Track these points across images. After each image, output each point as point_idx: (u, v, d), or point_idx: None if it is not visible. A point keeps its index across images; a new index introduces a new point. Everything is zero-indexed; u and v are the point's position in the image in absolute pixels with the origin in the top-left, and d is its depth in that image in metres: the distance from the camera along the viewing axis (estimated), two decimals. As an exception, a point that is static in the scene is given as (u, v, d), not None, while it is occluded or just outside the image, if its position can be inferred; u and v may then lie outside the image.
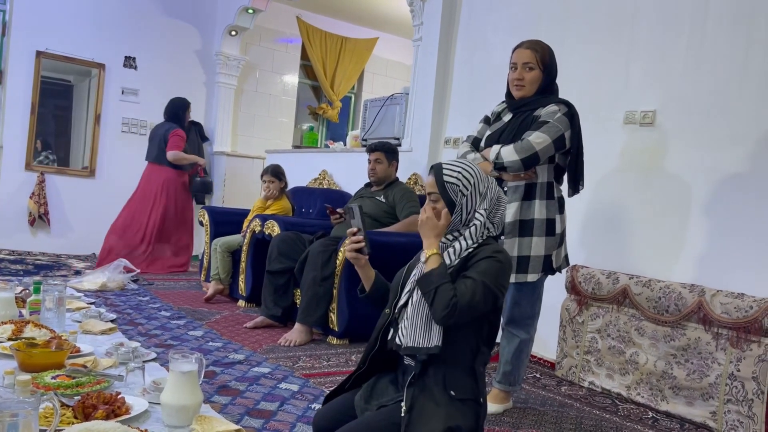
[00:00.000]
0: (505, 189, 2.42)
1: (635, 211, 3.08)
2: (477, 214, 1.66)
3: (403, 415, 1.51)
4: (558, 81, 2.52)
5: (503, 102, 2.59)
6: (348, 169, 4.94)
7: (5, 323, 2.64)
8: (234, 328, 3.46)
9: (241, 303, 4.17)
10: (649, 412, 2.66)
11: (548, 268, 2.44)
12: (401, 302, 1.65)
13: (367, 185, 3.97)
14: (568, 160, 2.46)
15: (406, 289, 1.66)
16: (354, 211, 1.77)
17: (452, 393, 1.53)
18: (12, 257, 5.24)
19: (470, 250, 1.62)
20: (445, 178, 1.67)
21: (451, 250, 1.63)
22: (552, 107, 2.38)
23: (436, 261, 1.58)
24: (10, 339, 2.52)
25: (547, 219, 2.40)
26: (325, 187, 5.09)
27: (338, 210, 3.82)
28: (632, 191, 3.09)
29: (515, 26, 3.77)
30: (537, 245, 2.39)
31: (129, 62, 6.24)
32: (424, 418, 1.49)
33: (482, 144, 2.54)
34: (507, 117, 2.52)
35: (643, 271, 2.95)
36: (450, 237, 1.67)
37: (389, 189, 3.78)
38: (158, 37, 6.37)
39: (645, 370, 2.73)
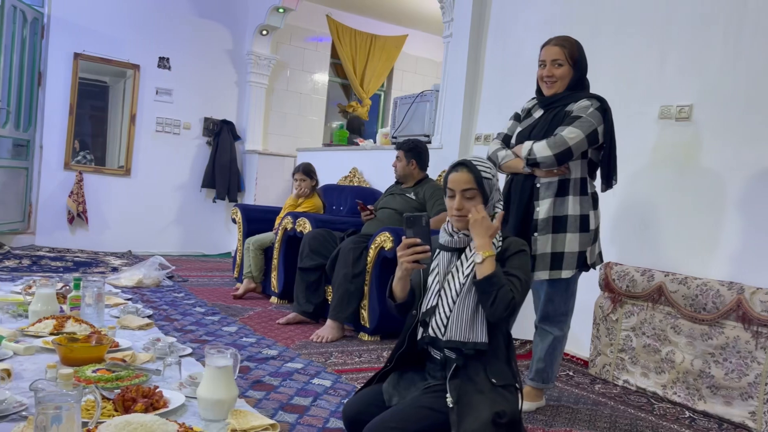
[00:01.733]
0: (538, 185, 2.40)
1: (669, 207, 3.02)
2: (498, 207, 1.77)
3: (451, 406, 1.55)
4: (590, 76, 2.49)
5: (533, 98, 2.57)
6: (378, 167, 4.96)
7: (47, 318, 2.72)
8: (267, 324, 3.50)
9: (274, 299, 4.22)
10: (686, 412, 2.61)
11: (582, 264, 2.41)
12: (431, 302, 1.70)
13: (398, 182, 3.98)
14: (600, 155, 2.43)
15: (434, 289, 1.71)
16: (422, 220, 1.69)
17: (494, 381, 1.60)
18: (52, 254, 5.38)
19: (501, 244, 1.71)
20: (483, 174, 1.72)
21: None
22: (584, 102, 2.36)
23: (492, 264, 1.62)
24: (51, 334, 2.59)
25: (581, 215, 2.38)
26: (355, 184, 5.12)
27: (369, 206, 3.83)
28: (666, 187, 3.04)
29: (547, 21, 3.73)
30: (571, 241, 2.37)
31: (163, 63, 6.35)
32: (472, 407, 1.55)
33: (513, 141, 2.53)
34: (538, 113, 2.50)
35: (677, 268, 2.89)
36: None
37: (419, 186, 3.78)
38: (191, 37, 6.47)
39: (681, 369, 2.68)
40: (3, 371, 2.06)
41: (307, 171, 4.48)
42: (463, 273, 1.69)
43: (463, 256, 1.72)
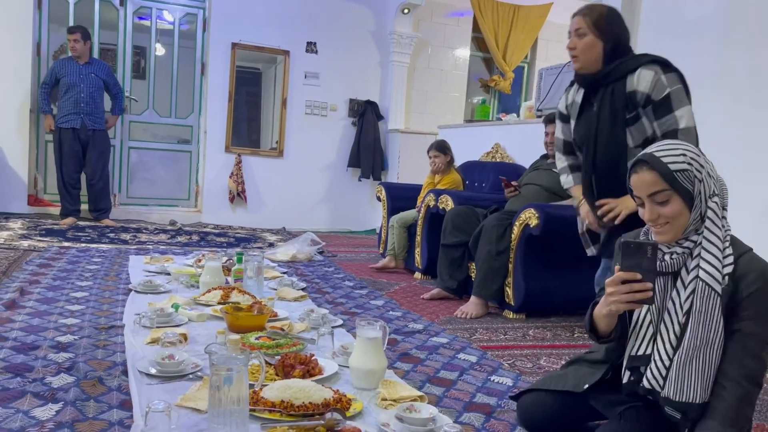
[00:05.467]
0: None
1: None
2: (711, 204, 1.34)
3: None
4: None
5: (569, 87, 2.35)
6: (522, 142, 4.83)
7: (215, 289, 2.99)
8: (412, 299, 3.58)
9: (418, 275, 4.30)
10: None
11: None
12: (642, 348, 1.43)
13: (543, 157, 3.86)
14: None
15: (646, 330, 1.41)
16: (647, 250, 1.34)
17: None
18: (216, 231, 5.88)
19: (732, 262, 1.33)
20: (673, 166, 1.34)
21: (707, 266, 1.32)
22: (646, 74, 2.10)
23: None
24: (219, 303, 2.85)
25: None
26: (497, 160, 5.04)
27: (513, 183, 3.76)
28: None
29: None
30: None
31: (310, 47, 6.63)
32: None
33: (574, 138, 2.27)
34: (579, 96, 2.26)
35: None
36: (689, 243, 1.37)
37: (567, 160, 3.63)
38: (336, 21, 6.68)
39: None
40: (180, 335, 2.29)
41: (440, 147, 4.49)
42: (681, 307, 1.37)
43: (679, 282, 1.37)
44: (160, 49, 6.53)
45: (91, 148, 5.51)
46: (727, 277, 1.32)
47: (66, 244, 4.45)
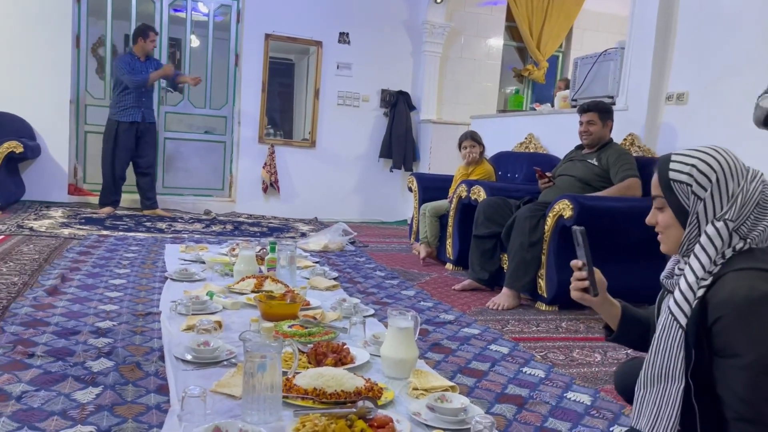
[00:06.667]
0: None
1: None
2: (713, 227, 1.19)
3: None
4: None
5: None
6: (557, 132, 4.77)
7: (249, 277, 3.03)
8: (443, 290, 3.58)
9: (449, 266, 4.29)
10: None
11: None
12: None
13: (578, 147, 3.81)
14: None
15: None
16: (577, 236, 1.36)
17: None
18: (250, 220, 5.95)
19: (703, 286, 1.18)
20: (672, 174, 1.23)
21: (678, 294, 1.21)
22: None
23: None
24: (253, 291, 2.88)
25: None
26: (531, 151, 4.98)
27: (547, 173, 3.72)
28: None
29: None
30: None
31: (343, 38, 6.64)
32: None
33: None
34: None
35: None
36: (683, 261, 1.27)
37: (603, 151, 3.58)
38: (368, 11, 6.67)
39: None
40: (215, 323, 2.34)
41: (474, 137, 4.47)
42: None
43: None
44: (194, 41, 6.62)
45: (147, 140, 5.68)
46: (696, 302, 1.19)
47: (104, 232, 4.56)
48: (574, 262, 1.39)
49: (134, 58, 5.52)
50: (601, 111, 3.59)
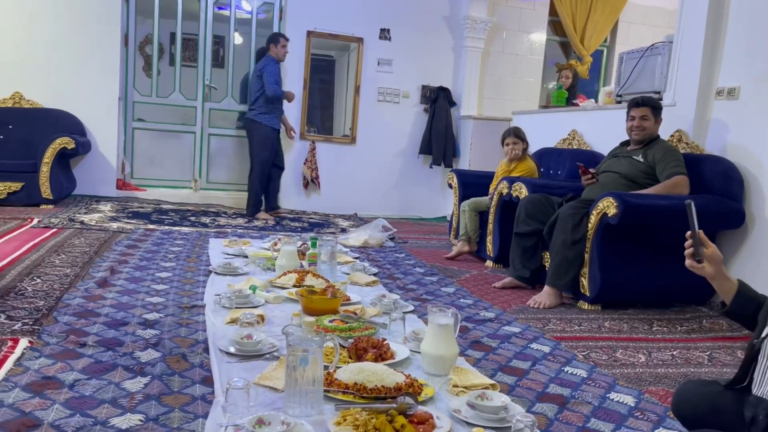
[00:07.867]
0: None
1: None
2: None
3: None
4: None
5: None
6: (601, 128, 4.68)
7: (290, 272, 3.07)
8: (483, 287, 3.56)
9: (489, 263, 4.26)
10: None
11: None
12: (763, 334, 1.39)
13: (623, 144, 3.73)
14: None
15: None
16: (688, 210, 1.45)
17: None
18: (291, 216, 6.02)
19: None
20: None
21: None
22: None
23: None
24: (294, 286, 2.92)
25: None
26: (574, 147, 4.90)
27: (591, 170, 3.65)
28: None
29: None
30: None
31: (384, 34, 6.64)
32: None
33: None
34: None
35: None
36: None
37: (649, 147, 3.50)
38: (409, 7, 6.66)
39: None
40: (258, 316, 2.38)
41: (518, 134, 4.41)
42: None
43: None
44: (238, 38, 6.71)
45: (280, 146, 5.88)
46: None
47: (151, 226, 4.68)
48: (689, 233, 1.47)
49: (277, 66, 5.60)
50: (654, 107, 3.52)
